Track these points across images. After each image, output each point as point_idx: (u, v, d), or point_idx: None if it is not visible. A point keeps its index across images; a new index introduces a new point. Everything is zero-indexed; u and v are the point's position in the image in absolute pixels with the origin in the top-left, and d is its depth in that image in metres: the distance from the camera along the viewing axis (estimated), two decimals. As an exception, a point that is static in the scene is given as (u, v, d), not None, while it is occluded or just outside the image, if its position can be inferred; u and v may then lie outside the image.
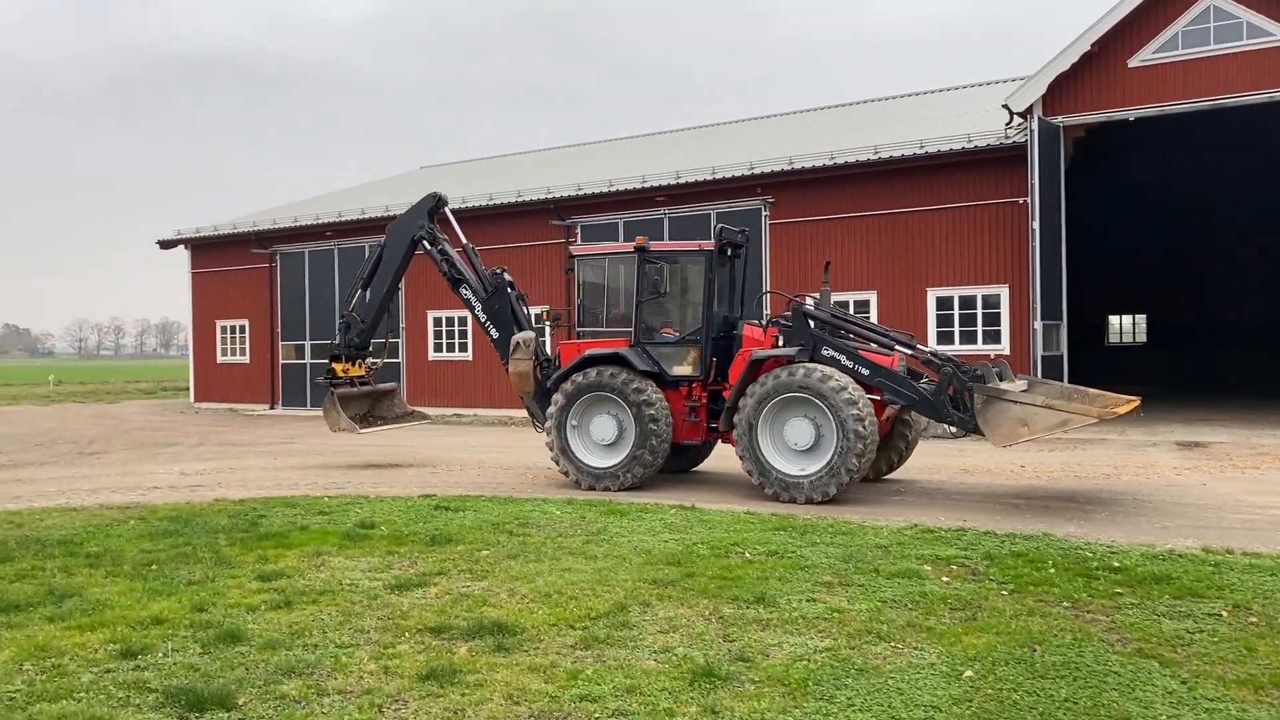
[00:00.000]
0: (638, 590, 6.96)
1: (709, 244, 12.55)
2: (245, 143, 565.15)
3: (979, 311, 20.10)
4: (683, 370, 12.43)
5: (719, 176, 22.48)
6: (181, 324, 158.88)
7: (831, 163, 21.20)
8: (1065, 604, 6.56)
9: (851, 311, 21.14)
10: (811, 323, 11.85)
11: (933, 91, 30.96)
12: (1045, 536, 8.67)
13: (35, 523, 10.02)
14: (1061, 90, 18.68)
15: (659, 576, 7.31)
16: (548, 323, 14.40)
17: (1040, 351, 18.46)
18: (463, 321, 26.17)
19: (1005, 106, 19.27)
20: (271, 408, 29.82)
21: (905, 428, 12.58)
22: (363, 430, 15.71)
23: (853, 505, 10.78)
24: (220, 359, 31.49)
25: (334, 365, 15.76)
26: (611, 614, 6.37)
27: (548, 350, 14.37)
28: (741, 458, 11.57)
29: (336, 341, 15.80)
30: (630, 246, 12.61)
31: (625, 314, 12.81)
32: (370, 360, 16.14)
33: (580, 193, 24.54)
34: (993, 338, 19.98)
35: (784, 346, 11.97)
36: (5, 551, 8.43)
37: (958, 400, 11.05)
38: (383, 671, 5.40)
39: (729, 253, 12.92)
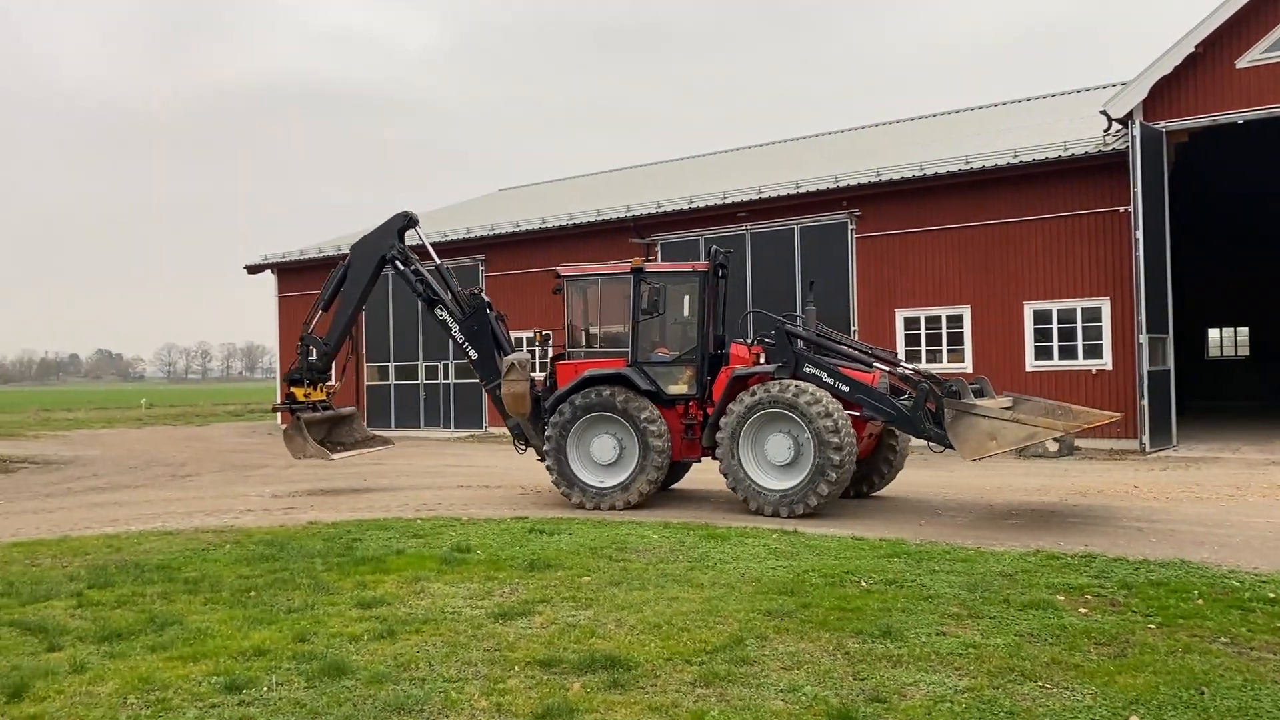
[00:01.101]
0: (752, 622, 6.59)
1: (702, 265, 12.84)
2: (325, 168, 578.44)
3: (1079, 325, 19.28)
4: (679, 389, 12.55)
5: (803, 190, 22.02)
6: (266, 347, 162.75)
7: (920, 174, 20.60)
8: (1223, 639, 6.02)
9: (944, 328, 20.60)
10: (795, 341, 11.95)
11: (1019, 101, 30.07)
12: (1183, 564, 8.09)
13: (133, 547, 10.03)
14: (1164, 94, 17.89)
15: (773, 607, 6.93)
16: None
17: (1146, 366, 17.62)
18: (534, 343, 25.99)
19: (1103, 112, 18.52)
20: (355, 429, 30.02)
21: (891, 445, 12.58)
22: (334, 457, 15.19)
23: (964, 530, 10.28)
24: (305, 381, 31.83)
25: (293, 390, 15.25)
26: (728, 648, 6.01)
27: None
28: (724, 473, 11.67)
29: (296, 365, 15.39)
30: (621, 268, 12.86)
31: (616, 334, 12.92)
32: (329, 384, 15.72)
33: (660, 210, 24.30)
34: (1094, 352, 19.15)
35: (766, 364, 12.04)
36: (105, 577, 8.40)
37: (939, 416, 11.02)
38: (495, 709, 5.12)
39: (719, 273, 13.05)
